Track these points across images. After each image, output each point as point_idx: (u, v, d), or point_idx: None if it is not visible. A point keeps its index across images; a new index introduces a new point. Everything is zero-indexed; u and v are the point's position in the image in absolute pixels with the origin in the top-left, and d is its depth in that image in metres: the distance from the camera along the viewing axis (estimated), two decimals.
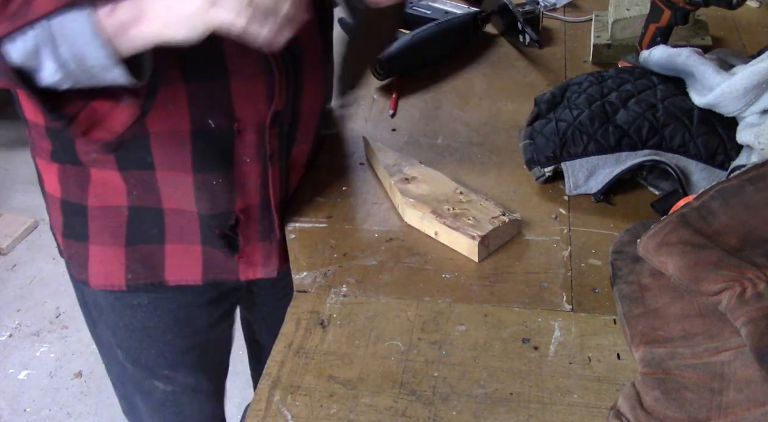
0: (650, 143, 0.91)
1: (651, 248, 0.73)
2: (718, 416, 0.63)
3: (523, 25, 1.24)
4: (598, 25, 1.28)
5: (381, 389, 0.72)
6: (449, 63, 1.25)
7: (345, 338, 0.78)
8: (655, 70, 1.01)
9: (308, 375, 0.74)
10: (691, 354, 0.69)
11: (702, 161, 0.91)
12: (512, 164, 1.00)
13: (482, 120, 1.11)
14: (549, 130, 0.95)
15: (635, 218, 0.88)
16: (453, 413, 0.69)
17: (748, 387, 0.64)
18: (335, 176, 1.01)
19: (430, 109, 1.13)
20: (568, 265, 0.85)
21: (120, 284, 0.92)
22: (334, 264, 0.87)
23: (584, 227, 0.90)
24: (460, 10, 1.34)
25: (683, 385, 0.66)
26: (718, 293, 0.69)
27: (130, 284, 0.92)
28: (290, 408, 0.70)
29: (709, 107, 0.91)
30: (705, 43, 1.22)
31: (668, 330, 0.72)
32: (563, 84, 1.04)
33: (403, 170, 0.96)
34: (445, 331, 0.77)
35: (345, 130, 1.10)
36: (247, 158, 0.85)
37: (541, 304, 0.80)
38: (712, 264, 0.70)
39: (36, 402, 1.92)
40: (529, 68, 1.24)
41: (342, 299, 0.82)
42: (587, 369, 0.73)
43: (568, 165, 0.92)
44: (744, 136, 0.88)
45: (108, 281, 0.92)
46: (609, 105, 0.95)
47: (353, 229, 0.92)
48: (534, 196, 0.95)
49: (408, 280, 0.84)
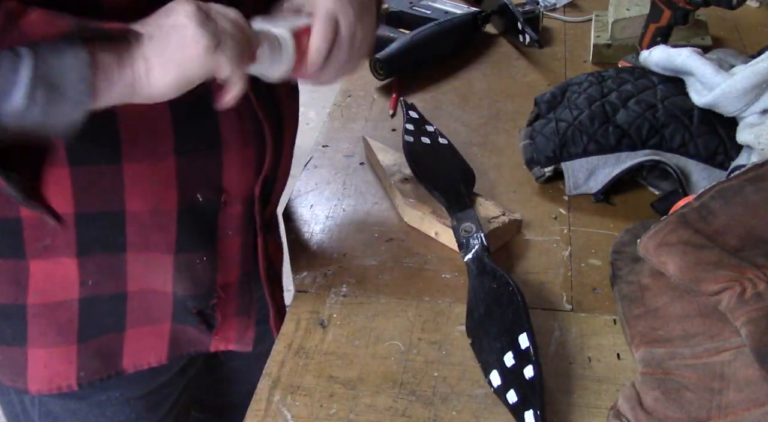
0: (650, 143, 0.91)
1: (651, 248, 0.73)
2: (718, 416, 0.63)
3: (523, 25, 1.24)
4: (598, 25, 1.28)
5: (381, 389, 0.72)
6: (449, 63, 1.25)
7: (345, 338, 0.78)
8: (655, 70, 1.01)
9: (308, 375, 0.74)
10: (691, 354, 0.69)
11: (702, 161, 0.91)
12: (512, 164, 1.00)
13: (482, 120, 1.11)
14: (549, 130, 0.95)
15: (635, 218, 0.88)
16: (453, 413, 0.69)
17: (748, 387, 0.64)
18: (335, 176, 1.01)
19: (430, 109, 1.13)
20: (568, 265, 0.85)
21: (70, 383, 0.79)
22: (334, 264, 0.87)
23: (584, 227, 0.90)
24: (460, 10, 1.34)
25: (683, 385, 0.66)
26: (718, 293, 0.69)
27: (82, 383, 0.79)
28: (290, 408, 0.70)
29: (709, 106, 0.91)
30: (705, 43, 1.22)
31: (668, 330, 0.72)
32: (563, 84, 1.04)
33: (402, 170, 0.96)
34: (445, 331, 0.77)
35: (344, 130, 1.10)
36: (230, 230, 0.78)
37: (541, 304, 0.80)
38: (712, 264, 0.70)
39: None
40: (529, 68, 1.24)
41: (342, 299, 0.82)
42: (587, 369, 0.73)
43: (568, 165, 0.92)
44: (744, 136, 0.88)
45: (54, 383, 0.79)
46: (609, 105, 0.95)
47: (353, 229, 0.92)
48: (534, 196, 0.95)
49: (408, 280, 0.84)
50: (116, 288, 0.76)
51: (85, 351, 0.78)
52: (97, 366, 0.79)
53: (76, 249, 0.72)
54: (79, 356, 0.78)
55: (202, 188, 0.73)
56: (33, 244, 0.71)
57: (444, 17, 1.29)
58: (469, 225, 0.83)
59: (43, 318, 0.75)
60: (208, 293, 0.80)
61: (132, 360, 0.81)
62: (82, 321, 0.76)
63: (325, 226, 0.93)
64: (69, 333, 0.77)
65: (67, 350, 0.77)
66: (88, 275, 0.74)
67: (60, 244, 0.72)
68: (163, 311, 0.80)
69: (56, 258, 0.72)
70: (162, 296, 0.79)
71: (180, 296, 0.79)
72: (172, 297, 0.79)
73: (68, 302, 0.75)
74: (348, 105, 1.16)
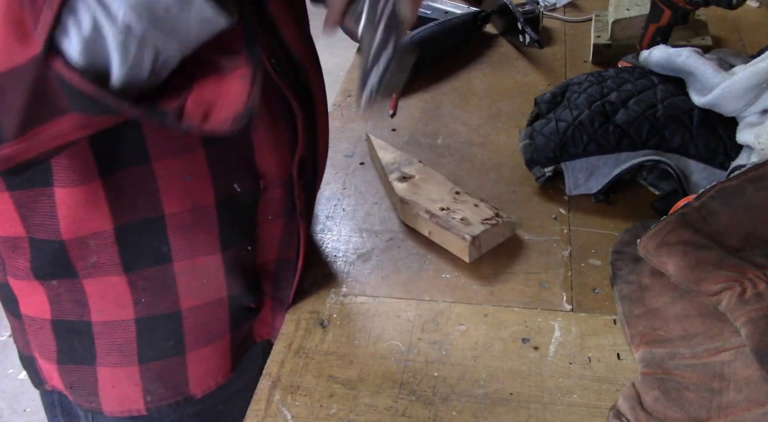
0: (650, 143, 0.91)
1: (651, 248, 0.73)
2: (718, 416, 0.63)
3: (523, 25, 1.24)
4: (598, 25, 1.28)
5: (381, 389, 0.72)
6: (449, 63, 1.25)
7: (345, 338, 0.78)
8: (655, 70, 1.01)
9: (308, 375, 0.74)
10: (691, 354, 0.69)
11: (702, 161, 0.91)
12: (512, 164, 1.00)
13: (482, 120, 1.11)
14: (549, 130, 0.95)
15: (635, 218, 0.88)
16: (453, 413, 0.69)
17: (748, 387, 0.64)
18: (335, 176, 1.01)
19: (430, 109, 1.13)
20: (568, 265, 0.85)
21: (139, 408, 0.78)
22: (334, 264, 0.87)
23: (584, 227, 0.90)
24: (460, 10, 1.34)
25: (683, 385, 0.66)
26: (718, 293, 0.69)
27: (150, 408, 0.78)
28: (290, 408, 0.70)
29: (709, 106, 0.91)
30: (705, 43, 1.22)
31: (668, 330, 0.72)
32: (563, 84, 1.04)
33: (401, 168, 0.96)
34: (445, 331, 0.77)
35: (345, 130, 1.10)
36: (270, 215, 0.76)
37: (541, 304, 0.80)
38: (712, 264, 0.70)
39: (36, 402, 1.92)
40: (529, 68, 1.24)
41: (342, 299, 0.82)
42: (587, 369, 0.73)
43: (568, 165, 0.92)
44: (744, 136, 0.88)
45: (125, 406, 0.78)
46: (609, 105, 0.95)
47: (353, 229, 0.92)
48: (534, 196, 0.95)
49: (408, 280, 0.84)
50: (170, 307, 0.73)
51: (148, 373, 0.76)
52: (163, 392, 0.78)
53: (122, 266, 0.70)
54: (142, 378, 0.76)
55: (237, 176, 0.71)
56: (80, 262, 0.70)
57: (444, 17, 1.29)
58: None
59: (106, 337, 0.74)
60: (256, 281, 0.78)
61: (199, 384, 0.79)
62: (141, 343, 0.74)
63: (325, 226, 0.93)
64: (130, 354, 0.75)
65: (130, 371, 0.76)
66: (139, 293, 0.72)
67: (106, 261, 0.70)
68: (221, 324, 0.78)
69: (106, 277, 0.71)
70: (217, 306, 0.76)
71: (235, 297, 0.77)
72: (227, 303, 0.77)
73: (126, 322, 0.73)
74: (348, 105, 1.16)
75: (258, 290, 0.80)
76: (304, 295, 0.83)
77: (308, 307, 0.81)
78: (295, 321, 0.80)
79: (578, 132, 0.93)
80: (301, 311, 0.81)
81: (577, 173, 0.92)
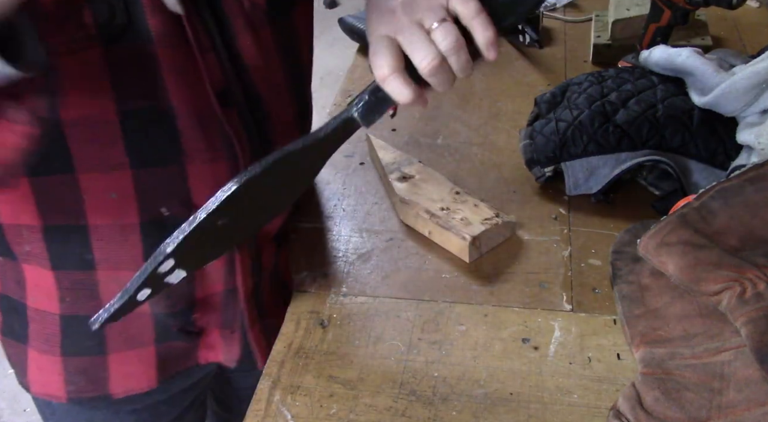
0: (650, 143, 0.91)
1: (651, 248, 0.73)
2: (718, 416, 0.63)
3: (523, 25, 1.24)
4: (598, 25, 1.28)
5: (381, 389, 0.72)
6: None
7: (345, 338, 0.78)
8: (655, 70, 1.01)
9: (308, 375, 0.74)
10: (691, 354, 0.69)
11: (702, 161, 0.91)
12: (512, 164, 1.00)
13: (482, 120, 1.11)
14: (549, 130, 0.95)
15: (635, 218, 0.88)
16: (453, 413, 0.69)
17: (748, 387, 0.64)
18: (335, 176, 1.01)
19: (430, 109, 1.13)
20: (568, 265, 0.85)
21: (60, 395, 0.80)
22: (334, 264, 0.87)
23: (584, 227, 0.90)
24: None
25: (683, 385, 0.66)
26: (718, 293, 0.69)
27: (72, 398, 0.80)
28: (290, 408, 0.70)
29: (709, 106, 0.91)
30: (705, 43, 1.22)
31: (668, 330, 0.72)
32: (563, 84, 1.04)
33: (401, 168, 0.96)
34: (445, 331, 0.77)
35: None
36: None
37: (541, 304, 0.80)
38: (712, 264, 0.70)
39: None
40: (529, 68, 1.24)
41: (342, 299, 0.82)
42: (587, 369, 0.73)
43: (568, 165, 0.92)
44: (744, 136, 0.88)
45: (46, 391, 0.80)
46: (609, 105, 0.95)
47: (353, 229, 0.92)
48: (534, 196, 0.95)
49: (408, 280, 0.84)
50: (93, 310, 0.71)
51: (70, 365, 0.78)
52: (84, 385, 0.79)
53: (50, 262, 0.72)
54: (65, 370, 0.78)
55: (167, 202, 0.69)
56: (17, 247, 0.72)
57: None
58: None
59: (37, 323, 0.77)
60: (187, 309, 0.78)
61: (121, 386, 0.80)
62: (65, 339, 0.76)
63: (325, 226, 0.93)
64: (55, 345, 0.77)
65: (53, 360, 0.78)
66: (65, 291, 0.73)
67: (37, 254, 0.71)
68: (145, 334, 0.78)
69: (39, 268, 0.72)
70: (141, 317, 0.76)
71: (159, 315, 0.77)
72: (151, 318, 0.77)
73: (52, 315, 0.76)
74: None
75: (188, 317, 0.78)
76: (304, 295, 0.83)
77: (308, 307, 0.82)
78: (295, 321, 0.80)
79: (578, 132, 0.93)
80: (301, 311, 0.81)
81: (577, 173, 0.92)
